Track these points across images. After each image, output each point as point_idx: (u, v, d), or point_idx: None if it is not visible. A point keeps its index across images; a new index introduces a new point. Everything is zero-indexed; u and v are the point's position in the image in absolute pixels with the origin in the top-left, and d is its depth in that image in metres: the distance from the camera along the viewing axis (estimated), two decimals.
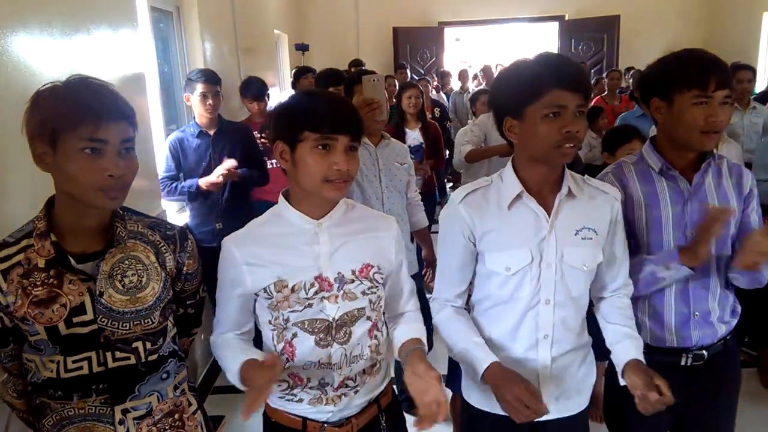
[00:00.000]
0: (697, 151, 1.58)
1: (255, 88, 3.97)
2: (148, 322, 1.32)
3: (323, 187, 1.32)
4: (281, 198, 1.42)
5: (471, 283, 1.57)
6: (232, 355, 1.38)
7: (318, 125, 1.29)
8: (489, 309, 1.51)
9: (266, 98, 4.03)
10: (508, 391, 1.33)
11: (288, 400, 1.44)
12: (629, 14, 8.99)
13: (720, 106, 1.49)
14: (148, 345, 1.33)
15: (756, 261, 1.46)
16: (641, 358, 1.46)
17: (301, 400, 1.43)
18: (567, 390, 1.52)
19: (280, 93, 6.56)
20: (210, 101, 3.13)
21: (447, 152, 5.23)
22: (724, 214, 1.43)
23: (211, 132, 3.19)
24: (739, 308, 1.70)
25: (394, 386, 1.64)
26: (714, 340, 1.65)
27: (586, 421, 1.61)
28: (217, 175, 3.02)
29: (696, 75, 1.48)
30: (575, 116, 1.34)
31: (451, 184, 7.74)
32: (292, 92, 5.39)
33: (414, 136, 4.17)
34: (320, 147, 1.30)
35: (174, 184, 3.13)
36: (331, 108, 1.32)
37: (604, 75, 6.06)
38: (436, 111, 6.12)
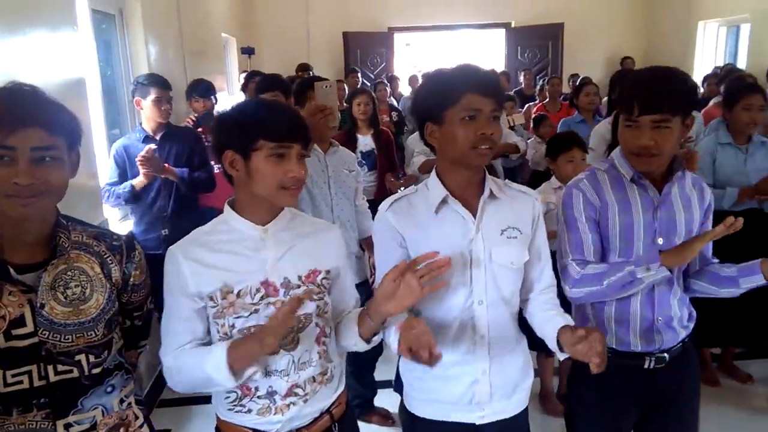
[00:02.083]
0: (640, 171, 1.63)
1: (202, 87, 4.02)
2: (91, 334, 1.28)
3: (278, 195, 1.34)
4: (227, 207, 1.42)
5: None
6: (200, 352, 1.33)
7: (273, 134, 1.30)
8: (429, 317, 1.51)
9: (213, 99, 4.03)
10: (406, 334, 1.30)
11: (237, 411, 1.42)
12: (573, 23, 9.27)
13: (652, 130, 1.54)
14: (92, 358, 1.29)
15: None
16: (570, 323, 1.46)
17: (249, 411, 1.41)
18: (506, 391, 1.56)
19: (228, 97, 6.47)
20: (164, 106, 3.12)
21: None
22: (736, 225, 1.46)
23: (158, 137, 3.14)
24: (695, 312, 1.78)
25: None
26: (674, 344, 1.72)
27: (526, 420, 1.65)
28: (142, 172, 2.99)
29: (625, 99, 1.56)
30: (490, 120, 1.40)
31: (403, 188, 7.76)
32: (242, 96, 5.34)
33: (366, 141, 4.18)
34: (275, 156, 1.31)
35: (112, 189, 3.07)
36: (284, 117, 1.34)
37: (546, 81, 6.22)
38: (394, 115, 6.14)
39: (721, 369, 3.35)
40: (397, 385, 1.68)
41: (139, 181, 3.01)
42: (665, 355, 1.70)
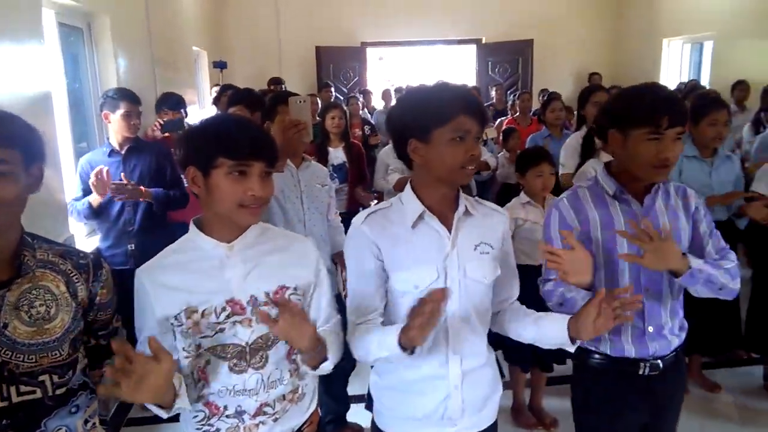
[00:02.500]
0: (649, 182, 1.68)
1: (172, 100, 4.02)
2: (55, 354, 1.25)
3: (238, 213, 1.31)
4: (192, 225, 1.40)
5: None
6: None
7: (233, 151, 1.28)
8: None
9: (183, 112, 4.01)
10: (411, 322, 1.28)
11: (205, 431, 1.40)
12: (542, 39, 9.45)
13: (673, 141, 1.59)
14: (56, 378, 1.26)
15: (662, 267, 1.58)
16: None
17: (218, 430, 1.39)
18: (477, 405, 1.56)
19: (199, 110, 6.43)
20: (134, 121, 3.08)
21: None
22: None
23: (123, 151, 3.10)
24: (686, 324, 1.81)
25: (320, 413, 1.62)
26: (668, 352, 1.75)
27: None
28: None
29: (650, 113, 1.58)
30: (475, 141, 1.43)
31: (375, 201, 7.77)
32: (214, 109, 5.31)
33: (337, 155, 4.19)
34: (235, 173, 1.29)
35: (74, 206, 3.01)
36: (245, 133, 1.31)
37: (516, 97, 6.31)
38: (367, 129, 6.16)
39: (689, 377, 3.40)
40: (369, 402, 1.67)
41: (94, 198, 2.95)
42: (659, 362, 1.73)
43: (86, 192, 3.02)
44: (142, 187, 3.01)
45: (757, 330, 3.26)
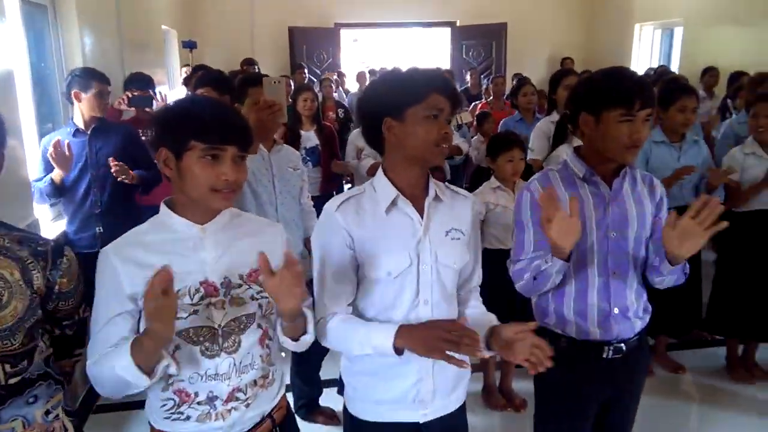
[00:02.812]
0: (620, 163, 1.71)
1: (140, 80, 3.93)
2: (7, 343, 1.22)
3: (210, 197, 1.30)
4: (163, 207, 1.37)
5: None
6: (110, 355, 1.26)
7: (206, 135, 1.26)
8: (374, 317, 1.53)
9: (150, 92, 3.93)
10: (429, 336, 1.34)
11: (174, 419, 1.37)
12: (515, 23, 9.47)
13: (643, 123, 1.63)
14: (8, 367, 1.23)
15: (677, 248, 1.57)
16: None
17: (188, 418, 1.37)
18: (447, 387, 1.58)
19: (170, 91, 6.30)
20: (106, 100, 3.05)
21: None
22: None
23: (89, 131, 3.03)
24: (650, 307, 1.85)
25: (289, 399, 1.61)
26: (631, 335, 1.79)
27: (464, 414, 1.68)
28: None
29: (623, 95, 1.61)
30: (447, 121, 1.44)
31: (349, 185, 7.74)
32: (184, 90, 5.22)
33: (309, 137, 4.16)
34: (208, 157, 1.27)
35: (35, 187, 2.93)
36: (219, 118, 1.29)
37: (490, 81, 6.32)
38: (340, 112, 6.11)
39: (654, 359, 3.47)
40: (340, 386, 1.68)
41: (57, 174, 2.88)
42: (622, 345, 1.77)
43: (49, 170, 2.93)
44: (131, 171, 2.96)
45: (720, 312, 3.35)
